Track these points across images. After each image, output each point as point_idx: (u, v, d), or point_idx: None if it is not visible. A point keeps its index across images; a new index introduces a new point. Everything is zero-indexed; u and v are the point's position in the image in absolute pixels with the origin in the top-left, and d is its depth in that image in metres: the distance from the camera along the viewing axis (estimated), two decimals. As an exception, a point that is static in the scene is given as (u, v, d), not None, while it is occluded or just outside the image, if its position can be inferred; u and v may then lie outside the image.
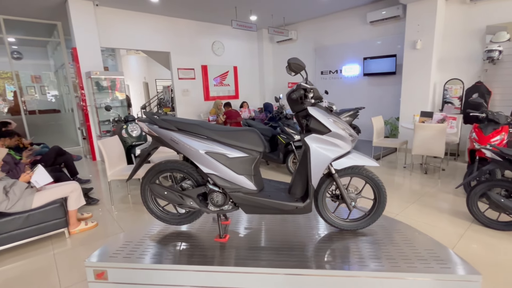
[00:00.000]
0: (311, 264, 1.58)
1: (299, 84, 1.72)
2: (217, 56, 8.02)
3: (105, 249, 1.83)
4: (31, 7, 5.72)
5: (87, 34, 5.74)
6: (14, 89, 9.23)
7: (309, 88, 1.69)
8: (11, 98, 9.17)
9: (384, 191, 1.84)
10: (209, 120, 6.42)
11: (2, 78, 9.31)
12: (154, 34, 6.77)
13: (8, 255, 2.55)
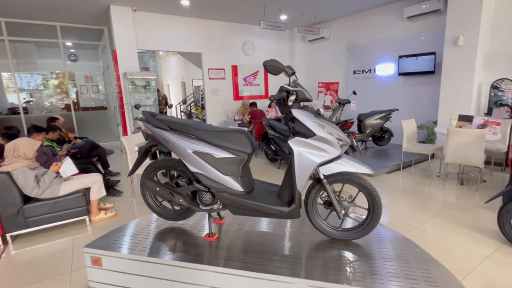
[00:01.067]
0: (288, 271, 1.53)
1: (282, 86, 1.67)
2: (248, 56, 8.10)
3: (104, 238, 1.97)
4: (82, 15, 6.35)
5: (125, 38, 6.20)
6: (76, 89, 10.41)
7: (291, 90, 1.63)
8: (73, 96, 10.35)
9: (378, 201, 1.70)
10: (235, 120, 6.52)
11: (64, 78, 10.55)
12: (186, 36, 7.07)
13: (35, 236, 2.88)
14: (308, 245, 1.81)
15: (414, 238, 2.58)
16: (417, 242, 2.48)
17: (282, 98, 1.65)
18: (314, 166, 1.63)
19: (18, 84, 10.06)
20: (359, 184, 1.71)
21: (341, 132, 1.68)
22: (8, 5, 5.55)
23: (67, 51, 10.59)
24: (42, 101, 10.25)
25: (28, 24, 6.84)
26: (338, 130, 1.67)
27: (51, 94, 10.42)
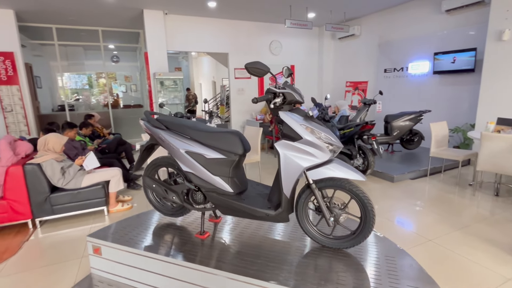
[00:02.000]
0: (265, 275, 1.51)
1: (268, 87, 1.64)
2: (274, 55, 8.06)
3: (107, 229, 2.11)
4: (120, 19, 6.82)
5: (156, 40, 6.53)
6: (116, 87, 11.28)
7: (278, 92, 1.59)
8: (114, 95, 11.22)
9: (370, 210, 1.60)
10: (257, 119, 6.54)
11: (109, 78, 11.51)
12: (214, 37, 7.24)
13: (59, 222, 3.17)
14: (296, 250, 1.76)
15: (423, 252, 2.37)
16: (426, 257, 2.29)
17: (268, 100, 1.62)
18: (300, 170, 1.58)
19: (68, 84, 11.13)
20: (350, 191, 1.62)
21: (332, 136, 1.61)
22: (58, 13, 6.15)
23: (111, 53, 11.45)
24: (89, 99, 11.24)
25: (76, 30, 7.51)
26: (329, 134, 1.60)
27: (95, 93, 11.37)
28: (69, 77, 10.98)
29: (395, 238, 2.62)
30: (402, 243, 2.52)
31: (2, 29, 5.77)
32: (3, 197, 2.88)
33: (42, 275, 2.25)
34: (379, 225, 2.87)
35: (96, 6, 5.77)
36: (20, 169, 2.86)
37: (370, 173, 4.31)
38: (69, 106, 10.48)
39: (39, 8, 5.80)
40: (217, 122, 5.03)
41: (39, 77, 9.47)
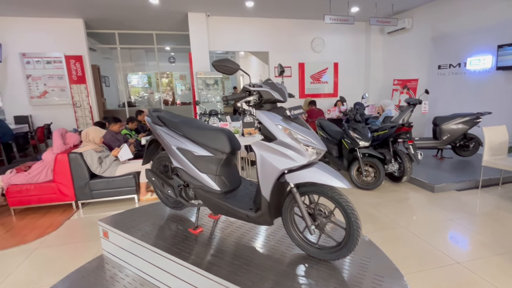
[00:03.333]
0: (236, 278, 1.49)
1: (244, 85, 1.60)
2: (316, 53, 7.80)
3: (117, 216, 2.33)
4: (171, 23, 7.38)
5: (199, 41, 6.88)
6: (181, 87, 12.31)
7: (252, 91, 1.55)
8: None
9: (354, 221, 1.46)
10: (293, 118, 6.41)
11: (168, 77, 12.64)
12: (254, 36, 7.32)
13: (97, 206, 3.59)
14: (279, 256, 1.71)
15: (442, 275, 2.07)
16: (443, 282, 1.99)
17: (241, 98, 1.58)
18: (276, 172, 1.52)
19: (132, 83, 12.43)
20: (332, 198, 1.50)
21: (314, 138, 1.51)
22: (118, 20, 6.92)
23: (168, 54, 12.45)
24: (152, 96, 12.42)
25: (135, 34, 8.34)
26: (310, 135, 1.50)
27: (154, 91, 12.49)
28: (132, 77, 12.27)
29: (413, 255, 2.33)
30: (420, 261, 2.24)
31: (73, 36, 6.72)
32: (53, 180, 3.38)
33: (72, 250, 2.60)
34: (402, 237, 2.59)
35: (146, 12, 6.33)
36: (66, 157, 3.33)
37: (406, 180, 3.90)
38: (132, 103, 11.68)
39: (103, 16, 6.60)
40: (249, 120, 5.07)
41: (107, 77, 10.78)
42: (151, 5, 5.85)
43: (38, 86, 6.79)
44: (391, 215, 3.05)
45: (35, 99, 6.80)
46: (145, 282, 1.91)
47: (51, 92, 6.89)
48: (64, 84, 6.89)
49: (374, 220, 2.96)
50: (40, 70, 6.71)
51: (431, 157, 4.97)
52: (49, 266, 2.34)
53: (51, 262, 2.40)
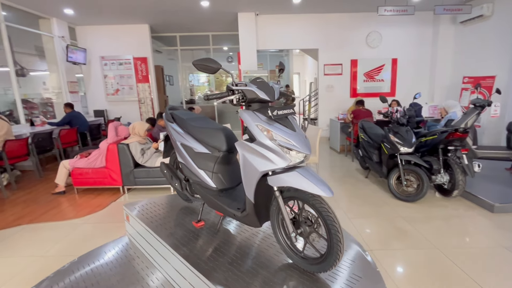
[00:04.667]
0: (214, 275, 1.53)
1: (227, 84, 1.58)
2: (372, 48, 7.21)
3: (139, 202, 2.58)
4: (223, 24, 7.73)
5: (248, 40, 7.04)
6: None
7: (235, 90, 1.52)
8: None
9: (335, 234, 1.35)
10: (338, 119, 6.07)
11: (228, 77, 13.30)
12: (303, 33, 7.15)
13: (139, 192, 4.01)
14: (266, 259, 1.68)
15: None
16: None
17: (222, 97, 1.57)
18: (257, 174, 1.49)
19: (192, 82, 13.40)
20: (313, 206, 1.41)
21: (297, 140, 1.43)
22: (179, 23, 7.54)
23: (227, 54, 13.06)
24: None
25: (195, 36, 8.97)
26: (292, 138, 1.43)
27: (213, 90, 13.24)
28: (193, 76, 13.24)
29: (441, 283, 2.02)
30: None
31: (140, 39, 7.58)
32: (106, 167, 3.91)
33: (109, 228, 2.98)
34: (433, 260, 2.26)
35: (200, 15, 6.74)
36: (116, 147, 3.81)
37: (458, 195, 3.36)
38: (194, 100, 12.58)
39: (165, 21, 7.27)
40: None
41: (172, 76, 11.86)
42: (202, 8, 6.21)
43: (112, 85, 7.87)
44: (428, 233, 2.67)
45: (109, 96, 7.91)
46: (150, 265, 2.09)
47: (122, 90, 7.92)
48: (132, 83, 7.85)
49: (404, 236, 2.64)
50: (114, 70, 7.77)
51: (503, 170, 4.15)
52: (87, 240, 2.74)
53: (90, 237, 2.80)
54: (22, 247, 2.65)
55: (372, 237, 2.62)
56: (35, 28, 6.35)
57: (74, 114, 5.88)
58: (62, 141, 5.28)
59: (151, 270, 2.02)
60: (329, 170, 4.84)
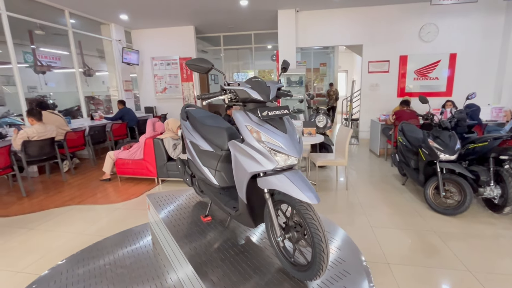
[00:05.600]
0: (202, 269, 1.58)
1: (221, 85, 1.59)
2: (425, 42, 6.53)
3: (160, 193, 2.76)
4: (264, 22, 7.78)
5: (287, 38, 6.96)
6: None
7: (227, 89, 1.52)
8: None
9: (318, 243, 1.29)
10: (380, 120, 5.63)
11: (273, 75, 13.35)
12: (346, 28, 6.80)
13: (172, 183, 4.28)
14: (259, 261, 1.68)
15: None
16: None
17: (215, 96, 1.58)
18: (247, 175, 1.49)
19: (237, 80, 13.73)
20: (298, 211, 1.36)
21: (285, 143, 1.39)
22: (222, 24, 7.81)
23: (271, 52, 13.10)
24: None
25: (238, 35, 9.19)
26: (281, 140, 1.39)
27: None
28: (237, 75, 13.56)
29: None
30: None
31: (185, 41, 8.04)
32: (143, 159, 4.27)
33: (139, 215, 3.26)
34: (460, 283, 1.99)
35: (240, 14, 6.87)
36: (151, 141, 4.13)
37: (510, 212, 2.88)
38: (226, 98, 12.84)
39: (209, 22, 7.59)
40: (321, 121, 4.84)
41: (217, 75, 12.33)
42: (242, 7, 6.31)
43: (161, 83, 8.51)
44: (461, 252, 2.36)
45: (158, 94, 8.57)
46: (162, 251, 2.23)
47: (169, 88, 8.51)
48: (177, 82, 8.38)
49: (432, 252, 2.37)
50: (162, 70, 8.39)
51: None
52: (119, 223, 3.03)
53: (122, 220, 3.10)
54: (67, 224, 3.05)
55: (393, 250, 2.41)
56: (97, 33, 7.17)
57: (126, 110, 6.51)
58: (113, 134, 5.90)
59: (161, 257, 2.16)
60: (364, 174, 4.55)
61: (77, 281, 1.94)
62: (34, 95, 8.43)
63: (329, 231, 1.98)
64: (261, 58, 12.34)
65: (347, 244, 1.80)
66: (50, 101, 8.29)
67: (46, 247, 2.62)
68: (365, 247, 2.46)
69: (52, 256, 2.46)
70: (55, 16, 6.12)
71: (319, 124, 4.82)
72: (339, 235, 1.94)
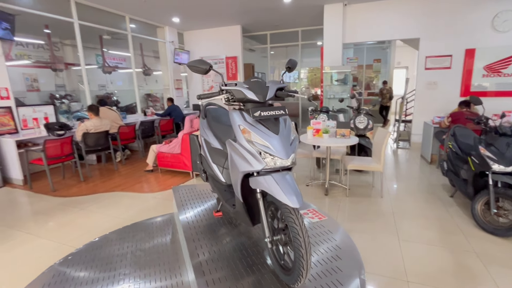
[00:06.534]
0: (197, 261, 1.64)
1: (219, 85, 1.59)
2: (500, 33, 5.61)
3: (188, 186, 2.93)
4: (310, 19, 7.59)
5: (333, 33, 6.67)
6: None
7: (223, 89, 1.53)
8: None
9: (297, 247, 1.24)
10: (433, 123, 5.02)
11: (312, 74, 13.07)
12: (401, 21, 6.22)
13: (205, 178, 4.48)
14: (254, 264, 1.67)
15: None
16: None
17: (213, 96, 1.59)
18: (239, 173, 1.49)
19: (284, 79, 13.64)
20: (282, 215, 1.32)
21: (274, 144, 1.36)
22: (268, 21, 7.86)
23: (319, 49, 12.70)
24: (308, 91, 13.26)
25: (284, 32, 9.13)
26: (270, 140, 1.36)
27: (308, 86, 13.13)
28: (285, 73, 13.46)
29: None
30: None
31: (232, 40, 8.28)
32: (181, 153, 4.56)
33: (169, 205, 3.51)
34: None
35: (286, 11, 6.81)
36: (188, 137, 4.39)
37: None
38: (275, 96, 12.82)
39: (255, 20, 7.70)
40: (362, 122, 4.55)
41: (264, 73, 12.45)
42: (285, 4, 6.23)
43: (208, 82, 8.94)
44: (504, 281, 2.00)
45: (205, 92, 9.03)
46: (177, 240, 2.37)
47: (215, 86, 8.89)
48: (223, 80, 8.69)
49: (467, 275, 2.05)
50: (210, 69, 8.79)
51: None
52: (150, 211, 3.31)
53: (153, 209, 3.38)
54: (109, 208, 3.44)
55: (418, 267, 2.15)
56: (154, 36, 7.85)
57: (173, 107, 7.02)
58: (161, 129, 6.42)
59: (176, 245, 2.30)
60: (407, 181, 4.14)
61: (102, 257, 2.18)
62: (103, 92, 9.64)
63: (336, 239, 1.86)
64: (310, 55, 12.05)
65: (350, 254, 1.68)
66: (114, 98, 9.37)
67: (89, 225, 3.00)
68: (385, 260, 2.25)
69: (90, 234, 2.81)
70: (118, 22, 6.89)
71: (359, 125, 4.54)
72: (345, 243, 1.81)
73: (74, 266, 2.05)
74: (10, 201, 3.74)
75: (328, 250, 1.74)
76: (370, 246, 2.46)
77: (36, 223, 3.08)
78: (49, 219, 3.16)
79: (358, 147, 4.53)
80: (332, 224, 2.08)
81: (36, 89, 7.97)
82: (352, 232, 2.69)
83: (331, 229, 2.00)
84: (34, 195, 3.95)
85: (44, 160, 3.95)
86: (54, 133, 4.44)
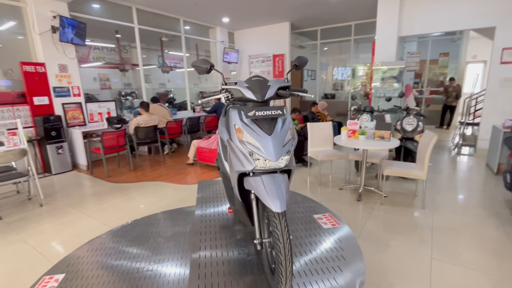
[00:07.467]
0: (195, 256, 1.70)
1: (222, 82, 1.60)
2: None
3: (212, 181, 3.05)
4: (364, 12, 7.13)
5: (387, 26, 6.13)
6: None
7: (223, 89, 1.54)
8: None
9: (277, 253, 1.22)
10: (504, 127, 4.23)
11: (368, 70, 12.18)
12: (471, 7, 5.40)
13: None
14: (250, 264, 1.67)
15: None
16: None
17: (214, 95, 1.60)
18: (235, 174, 1.50)
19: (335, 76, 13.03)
20: (267, 219, 1.29)
21: (265, 145, 1.33)
22: (317, 17, 7.61)
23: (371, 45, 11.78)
24: (365, 88, 12.56)
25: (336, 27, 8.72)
26: (261, 141, 1.34)
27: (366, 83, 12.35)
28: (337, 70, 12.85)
29: None
30: None
31: (279, 37, 8.24)
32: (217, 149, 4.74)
33: (200, 197, 3.70)
34: None
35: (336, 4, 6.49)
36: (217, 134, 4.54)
37: None
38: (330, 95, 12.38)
39: (304, 16, 7.53)
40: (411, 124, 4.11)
41: (314, 70, 12.09)
42: (333, -2, 5.95)
43: (255, 80, 9.07)
44: None
45: (253, 89, 9.19)
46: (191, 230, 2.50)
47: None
48: (270, 77, 8.73)
49: None
50: (258, 67, 8.91)
51: None
52: (181, 201, 3.54)
53: (184, 199, 3.60)
54: (148, 195, 3.78)
55: (448, 294, 1.88)
56: (206, 37, 8.27)
57: (219, 105, 7.31)
58: (206, 125, 6.77)
59: (191, 236, 2.43)
60: (462, 193, 3.62)
61: (129, 240, 2.42)
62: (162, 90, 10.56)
63: (343, 248, 1.73)
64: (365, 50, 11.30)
65: (355, 268, 1.55)
66: (171, 95, 10.18)
67: (128, 209, 3.35)
68: (407, 278, 2.02)
69: (128, 217, 3.14)
70: (175, 25, 7.44)
71: (406, 127, 4.12)
72: (351, 254, 1.68)
73: (106, 244, 2.33)
74: (74, 183, 4.39)
75: (331, 259, 1.64)
76: (391, 260, 2.23)
77: (88, 204, 3.56)
78: (99, 201, 3.62)
79: (404, 151, 4.12)
80: (345, 232, 1.95)
81: (108, 87, 9.12)
82: (375, 243, 2.48)
83: (341, 237, 1.88)
84: (93, 179, 4.56)
85: (102, 149, 4.52)
86: (112, 126, 5.04)
